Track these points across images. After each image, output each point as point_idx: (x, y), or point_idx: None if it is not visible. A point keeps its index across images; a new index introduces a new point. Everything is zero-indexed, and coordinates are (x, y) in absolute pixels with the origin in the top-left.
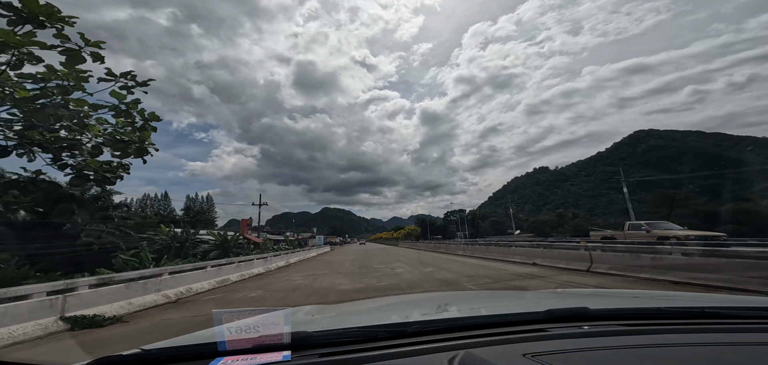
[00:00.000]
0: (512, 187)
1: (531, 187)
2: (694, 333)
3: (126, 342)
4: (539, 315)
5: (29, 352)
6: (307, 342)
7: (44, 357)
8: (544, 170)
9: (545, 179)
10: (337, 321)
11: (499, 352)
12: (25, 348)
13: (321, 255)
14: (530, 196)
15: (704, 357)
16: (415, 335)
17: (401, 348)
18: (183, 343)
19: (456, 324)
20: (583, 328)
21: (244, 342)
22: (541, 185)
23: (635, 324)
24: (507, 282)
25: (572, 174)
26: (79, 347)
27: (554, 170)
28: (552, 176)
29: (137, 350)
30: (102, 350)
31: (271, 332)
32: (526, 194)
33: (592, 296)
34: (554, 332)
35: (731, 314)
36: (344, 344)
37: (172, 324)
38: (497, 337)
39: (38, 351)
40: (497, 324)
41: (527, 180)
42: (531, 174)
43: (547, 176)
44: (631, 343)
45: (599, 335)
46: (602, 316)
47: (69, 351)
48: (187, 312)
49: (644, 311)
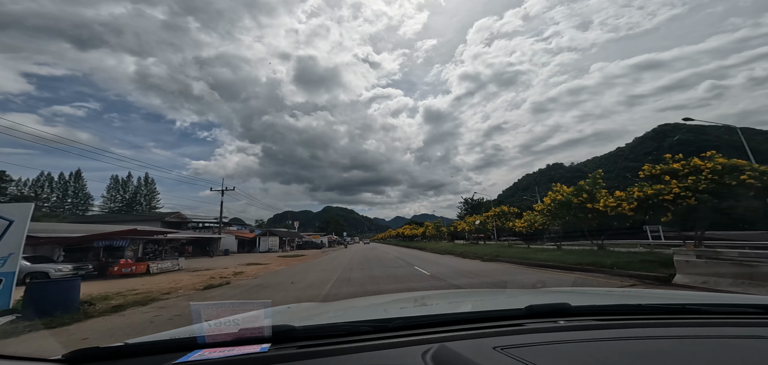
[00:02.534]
0: (524, 184)
1: (544, 184)
2: (671, 327)
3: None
4: (520, 311)
5: (6, 345)
6: (288, 336)
7: (20, 350)
8: (558, 167)
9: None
10: (320, 318)
11: (471, 345)
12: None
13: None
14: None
15: (679, 350)
16: (396, 329)
17: (380, 341)
18: (164, 337)
19: (436, 319)
20: (559, 323)
21: (225, 335)
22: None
23: (611, 319)
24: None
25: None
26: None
27: (570, 167)
28: (567, 172)
29: (120, 343)
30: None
31: (252, 325)
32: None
33: (573, 293)
34: (530, 326)
35: (710, 310)
36: (326, 337)
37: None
38: (473, 331)
39: (14, 342)
40: (476, 319)
41: (540, 177)
42: (544, 171)
43: (561, 173)
44: (606, 336)
45: (575, 329)
46: (583, 312)
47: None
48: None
49: (625, 307)
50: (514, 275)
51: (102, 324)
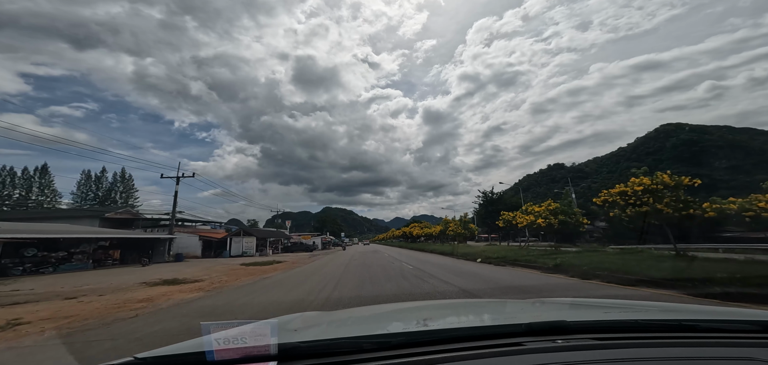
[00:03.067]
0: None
1: (545, 185)
2: (669, 347)
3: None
4: (520, 328)
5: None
6: (293, 353)
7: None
8: (559, 167)
9: (561, 177)
10: (324, 332)
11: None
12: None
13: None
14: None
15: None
16: (399, 347)
17: (385, 361)
18: (173, 352)
19: (438, 336)
20: (557, 342)
21: (232, 352)
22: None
23: (609, 338)
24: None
25: (592, 171)
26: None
27: (571, 167)
28: (568, 173)
29: (130, 358)
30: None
31: (259, 343)
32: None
33: (571, 307)
34: (530, 346)
35: (709, 327)
36: (330, 355)
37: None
38: (475, 351)
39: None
40: (477, 336)
41: (541, 178)
42: (545, 171)
43: (563, 174)
44: (603, 357)
45: (572, 349)
46: (580, 329)
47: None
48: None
49: (621, 323)
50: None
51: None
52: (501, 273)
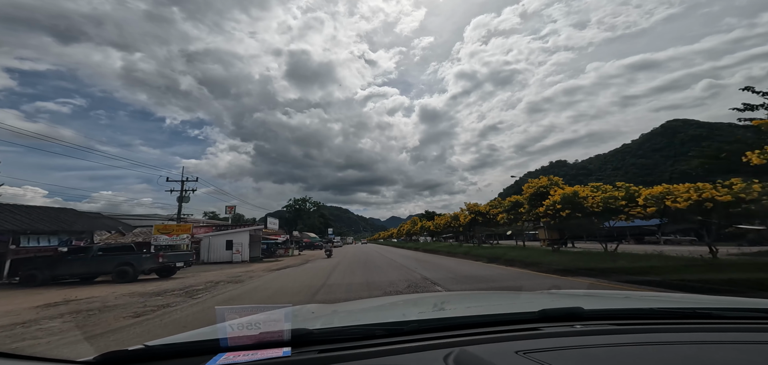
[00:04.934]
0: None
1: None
2: (684, 332)
3: None
4: (534, 315)
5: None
6: (307, 339)
7: (50, 352)
8: (562, 164)
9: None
10: (337, 319)
11: (493, 350)
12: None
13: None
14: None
15: (692, 355)
16: (412, 333)
17: (398, 345)
18: (186, 339)
19: (452, 322)
20: (576, 327)
21: (246, 338)
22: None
23: (626, 323)
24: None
25: (596, 168)
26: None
27: (575, 164)
28: (572, 170)
29: (141, 346)
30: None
31: (272, 329)
32: None
33: (585, 296)
34: (547, 331)
35: (721, 314)
36: (343, 341)
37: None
38: (491, 336)
39: (43, 344)
40: (492, 323)
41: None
42: (547, 168)
43: (566, 171)
44: (621, 341)
45: (591, 333)
46: (595, 316)
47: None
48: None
49: (636, 311)
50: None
51: None
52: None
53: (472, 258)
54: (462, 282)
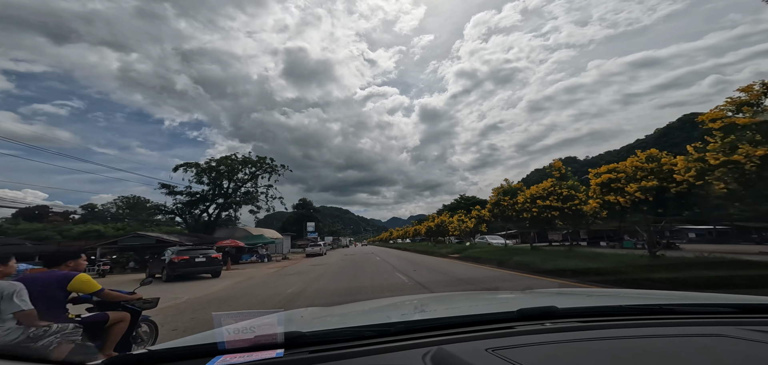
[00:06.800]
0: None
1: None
2: (649, 327)
3: None
4: (511, 314)
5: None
6: (299, 341)
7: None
8: (571, 161)
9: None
10: (328, 322)
11: (466, 348)
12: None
13: None
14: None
15: (660, 349)
16: (398, 333)
17: (383, 345)
18: (186, 344)
19: (434, 323)
20: (546, 325)
21: (242, 341)
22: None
23: (594, 320)
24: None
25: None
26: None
27: (585, 161)
28: (582, 166)
29: (144, 350)
30: None
31: (267, 332)
32: None
33: (559, 295)
34: (520, 329)
35: (685, 310)
36: (334, 342)
37: None
38: (468, 334)
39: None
40: (471, 323)
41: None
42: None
43: (576, 167)
44: (590, 337)
45: (561, 330)
46: (569, 314)
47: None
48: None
49: (607, 309)
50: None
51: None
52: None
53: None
54: None
